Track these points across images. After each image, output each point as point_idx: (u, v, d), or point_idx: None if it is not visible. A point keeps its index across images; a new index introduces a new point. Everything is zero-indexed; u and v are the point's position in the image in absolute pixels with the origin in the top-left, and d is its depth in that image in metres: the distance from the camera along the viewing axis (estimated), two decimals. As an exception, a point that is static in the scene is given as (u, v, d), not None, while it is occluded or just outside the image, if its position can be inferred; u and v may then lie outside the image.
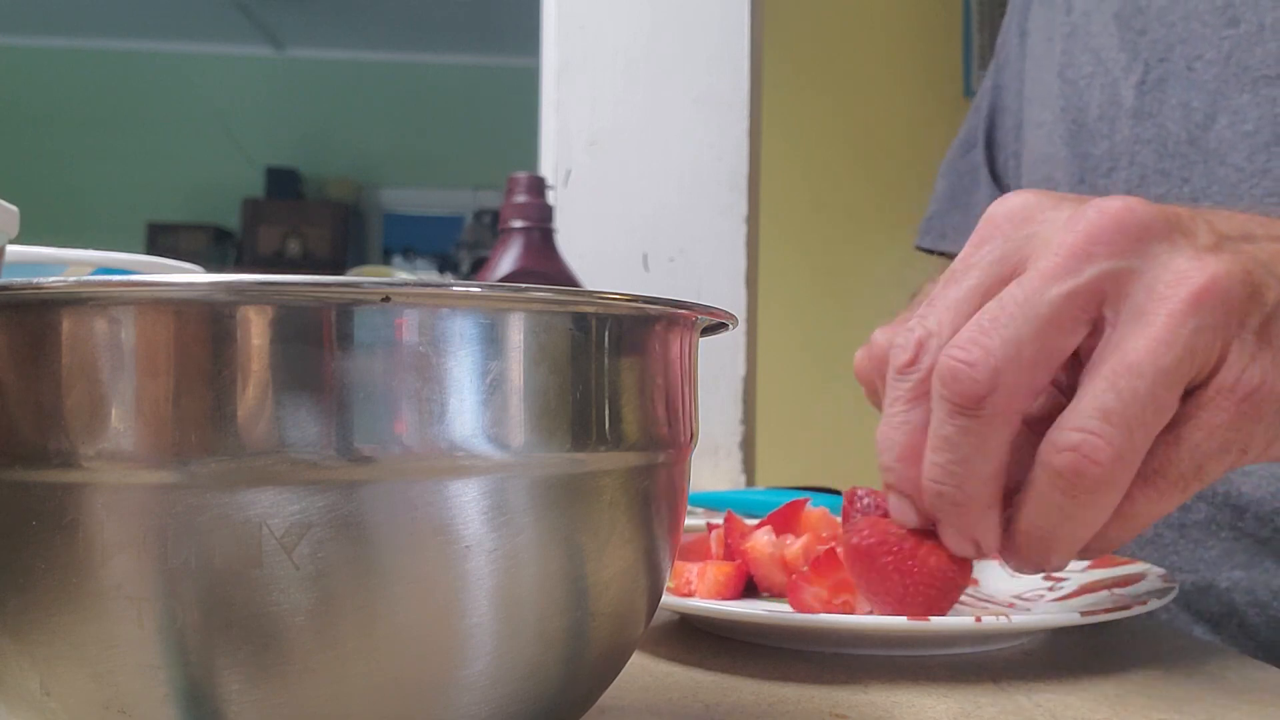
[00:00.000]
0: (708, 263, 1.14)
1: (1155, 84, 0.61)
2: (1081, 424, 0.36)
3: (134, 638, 0.22)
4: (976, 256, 0.40)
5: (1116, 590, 0.45)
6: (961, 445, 0.37)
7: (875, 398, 0.57)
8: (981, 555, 0.39)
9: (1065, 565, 0.39)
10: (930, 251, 0.85)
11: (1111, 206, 0.37)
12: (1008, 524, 0.39)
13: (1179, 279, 0.36)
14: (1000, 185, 0.80)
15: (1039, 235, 0.39)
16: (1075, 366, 0.38)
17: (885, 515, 0.42)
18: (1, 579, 0.23)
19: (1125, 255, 0.37)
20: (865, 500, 0.44)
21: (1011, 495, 0.38)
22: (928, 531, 0.40)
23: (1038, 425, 0.37)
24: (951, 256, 0.82)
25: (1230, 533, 0.58)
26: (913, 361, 0.39)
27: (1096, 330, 0.37)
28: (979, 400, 0.36)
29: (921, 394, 0.39)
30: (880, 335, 0.56)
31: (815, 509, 0.49)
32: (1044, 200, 0.40)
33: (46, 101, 5.41)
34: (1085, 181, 0.64)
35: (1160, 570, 0.48)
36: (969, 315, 0.38)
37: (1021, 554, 0.39)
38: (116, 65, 5.50)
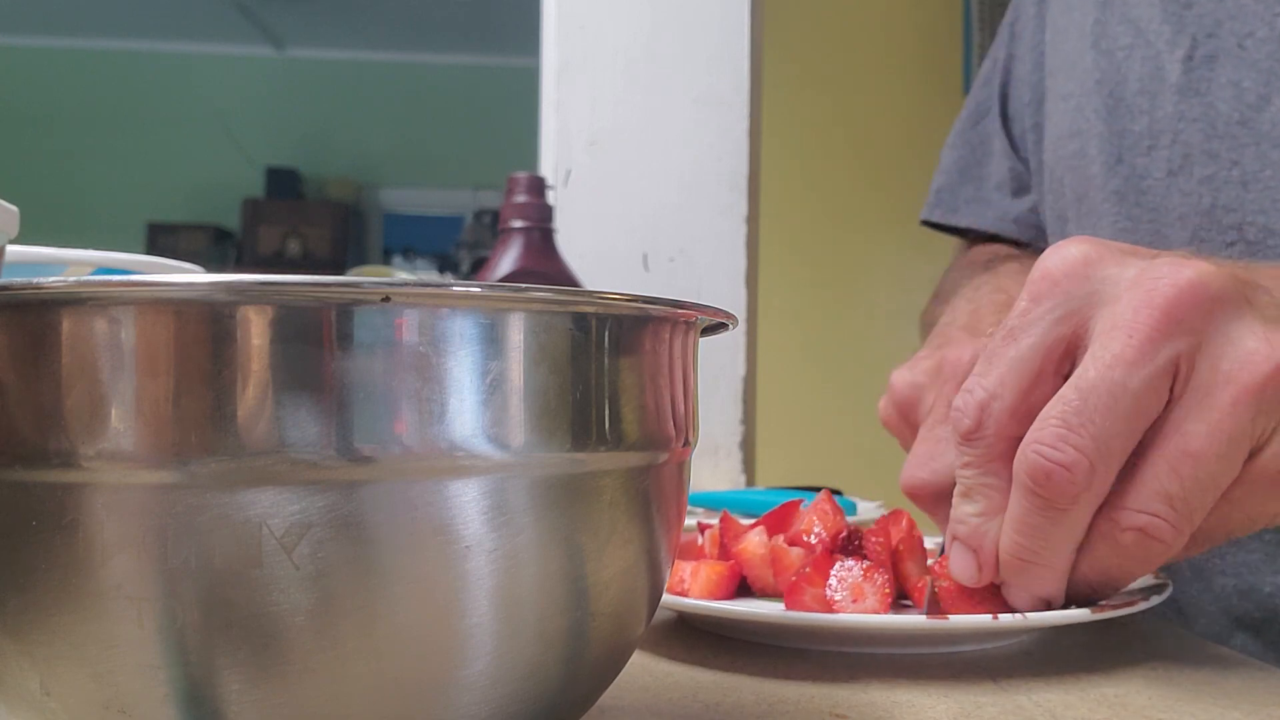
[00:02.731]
0: (708, 263, 1.14)
1: (1204, 60, 0.58)
2: (1145, 506, 0.36)
3: (134, 638, 0.22)
4: (1036, 313, 0.39)
5: None
6: (1049, 531, 0.37)
7: (907, 444, 0.56)
8: (1045, 610, 0.40)
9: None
10: (936, 226, 0.82)
11: (1184, 278, 0.37)
12: None
13: (1246, 362, 0.36)
14: (1020, 157, 0.78)
15: (1102, 295, 0.38)
16: None
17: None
18: (1, 579, 0.23)
19: (1197, 332, 0.36)
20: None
21: None
22: None
23: None
24: (961, 232, 0.81)
25: (1275, 535, 0.57)
26: (977, 429, 0.39)
27: None
28: (1075, 497, 0.36)
29: (991, 458, 0.39)
30: (899, 379, 0.56)
31: (806, 510, 0.49)
32: (1102, 253, 0.39)
33: (46, 101, 5.40)
34: (1124, 160, 0.62)
35: None
36: (1031, 376, 0.38)
37: (1073, 596, 0.40)
38: (116, 65, 5.49)
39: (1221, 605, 0.60)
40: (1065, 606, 0.40)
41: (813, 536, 0.45)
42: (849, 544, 0.44)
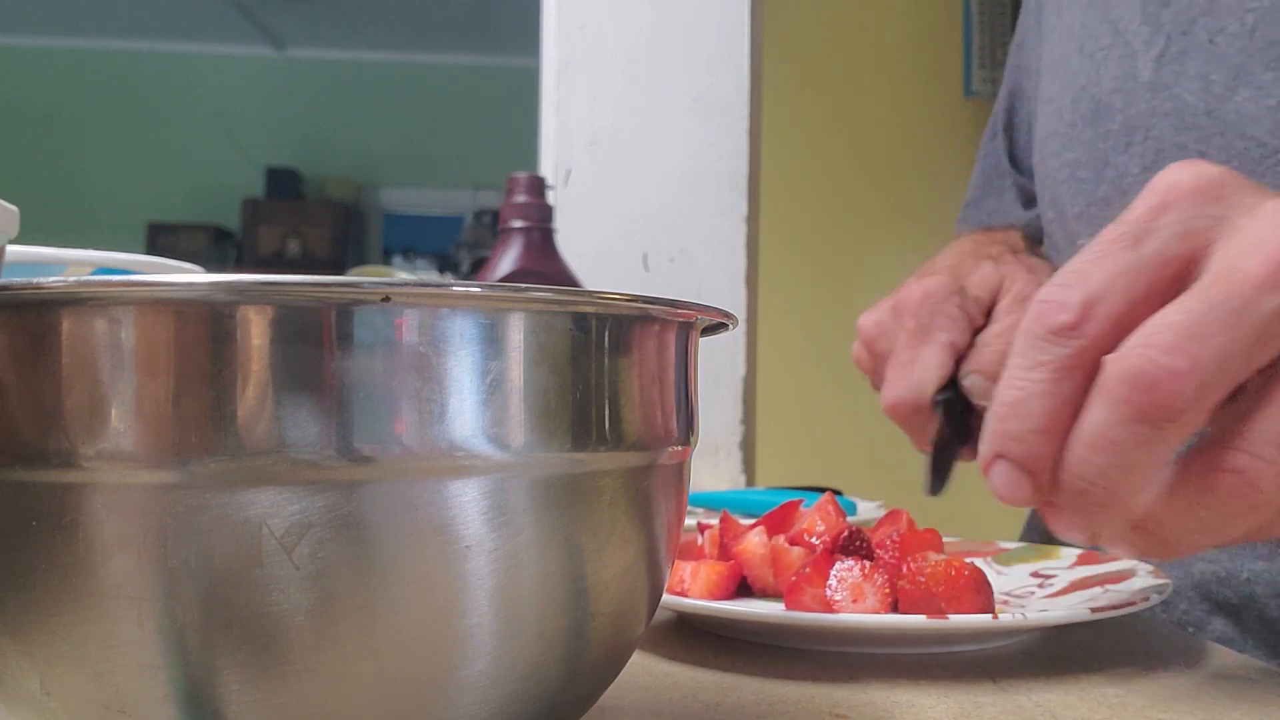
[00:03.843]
0: (708, 263, 1.14)
1: (1175, 57, 0.58)
2: (1253, 448, 0.33)
3: (134, 638, 0.22)
4: (1159, 223, 0.35)
5: (1110, 587, 0.45)
6: (1133, 453, 0.33)
7: (878, 381, 0.59)
8: (1092, 544, 0.36)
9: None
10: None
11: None
12: None
13: None
14: (1020, 169, 0.78)
15: (1230, 221, 0.35)
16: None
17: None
18: (1, 579, 0.23)
19: None
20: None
21: None
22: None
23: None
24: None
25: None
26: (1075, 325, 0.34)
27: None
28: (1176, 415, 0.32)
29: (1078, 365, 0.34)
30: (864, 321, 0.59)
31: (808, 510, 0.49)
32: (1235, 181, 0.36)
33: (46, 101, 5.40)
34: (1109, 163, 0.61)
35: (1148, 565, 0.48)
36: (1144, 286, 0.34)
37: (1131, 549, 0.36)
38: (116, 65, 5.49)
39: (1201, 591, 0.60)
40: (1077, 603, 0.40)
41: (815, 537, 0.45)
42: (850, 544, 0.44)
